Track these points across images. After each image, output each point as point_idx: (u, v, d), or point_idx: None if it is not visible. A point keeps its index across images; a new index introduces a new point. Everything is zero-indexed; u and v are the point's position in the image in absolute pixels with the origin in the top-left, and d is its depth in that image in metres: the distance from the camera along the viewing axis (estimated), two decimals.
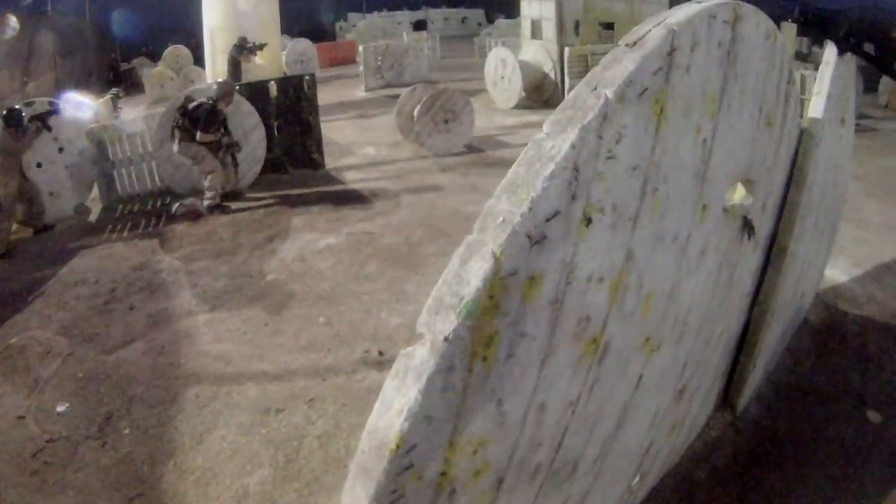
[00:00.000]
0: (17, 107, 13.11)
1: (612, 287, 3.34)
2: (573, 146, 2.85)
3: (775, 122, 5.00)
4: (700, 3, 3.77)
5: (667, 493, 5.73)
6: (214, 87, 14.09)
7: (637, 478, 5.11)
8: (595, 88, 3.07)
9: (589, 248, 3.05)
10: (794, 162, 5.77)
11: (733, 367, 6.39)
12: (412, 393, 2.50)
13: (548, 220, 2.78)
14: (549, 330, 2.98)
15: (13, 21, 19.23)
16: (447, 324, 2.56)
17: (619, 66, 3.17)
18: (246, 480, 6.20)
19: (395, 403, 2.54)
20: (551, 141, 2.90)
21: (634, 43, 3.30)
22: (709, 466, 6.02)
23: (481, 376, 2.70)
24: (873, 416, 6.62)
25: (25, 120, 12.90)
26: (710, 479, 5.89)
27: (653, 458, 5.25)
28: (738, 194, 4.96)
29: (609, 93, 3.02)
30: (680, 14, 3.55)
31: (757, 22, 4.32)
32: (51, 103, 14.38)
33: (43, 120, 13.31)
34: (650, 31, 3.37)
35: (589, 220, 3.00)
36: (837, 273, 9.58)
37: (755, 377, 6.59)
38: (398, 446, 2.47)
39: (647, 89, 3.21)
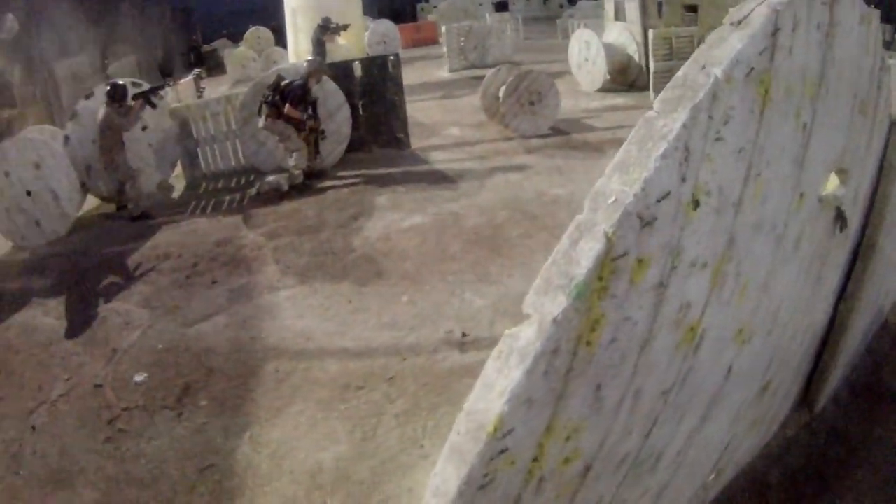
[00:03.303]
0: (121, 82, 13.23)
1: (713, 274, 3.28)
2: (685, 125, 2.79)
3: (868, 110, 4.86)
4: None
5: (738, 492, 5.62)
6: (304, 64, 14.11)
7: (713, 474, 5.07)
8: (704, 67, 3.00)
9: (694, 231, 2.98)
10: (884, 153, 5.59)
11: (814, 365, 6.22)
12: (516, 374, 2.44)
13: (659, 200, 2.71)
14: (652, 315, 2.93)
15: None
16: (556, 305, 2.49)
17: (726, 44, 3.10)
18: (321, 455, 6.18)
19: (496, 385, 2.48)
20: (662, 119, 2.84)
21: (739, 21, 3.22)
22: (782, 467, 5.89)
23: (584, 360, 2.64)
24: None
25: (130, 97, 13.04)
26: (783, 480, 5.78)
27: (731, 454, 5.20)
28: (831, 185, 4.79)
29: (718, 72, 2.96)
30: None
31: (853, 4, 4.20)
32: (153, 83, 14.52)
33: (147, 97, 13.44)
34: (754, 9, 3.28)
35: (696, 203, 2.93)
36: None
37: (835, 377, 6.41)
38: (496, 429, 2.42)
39: (753, 69, 3.14)
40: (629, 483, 3.62)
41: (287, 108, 13.09)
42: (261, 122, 13.41)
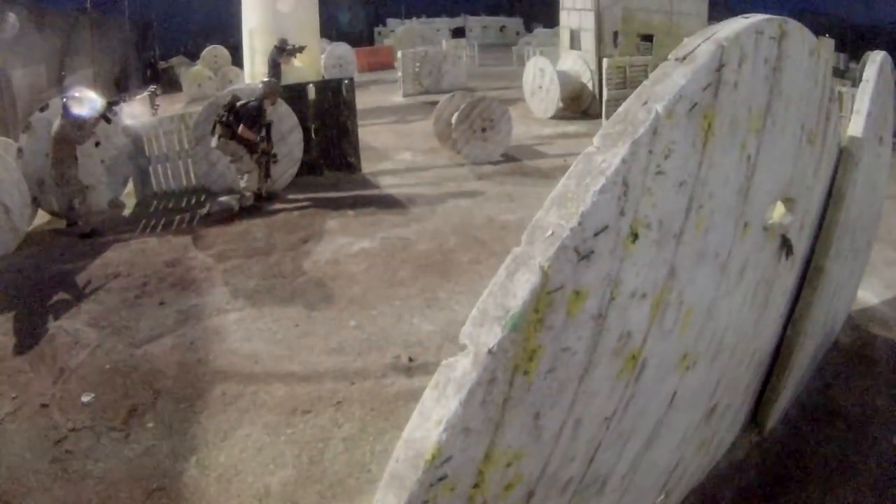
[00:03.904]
0: (77, 95, 13.09)
1: (654, 303, 3.30)
2: (624, 161, 2.82)
3: (816, 140, 4.94)
4: (747, 17, 3.72)
5: None
6: (260, 85, 14.12)
7: (662, 495, 5.07)
8: (646, 103, 3.04)
9: (634, 263, 3.02)
10: (832, 181, 5.71)
11: (763, 386, 6.31)
12: (452, 404, 2.45)
13: (596, 234, 2.75)
14: (591, 345, 2.95)
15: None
16: (491, 336, 2.52)
17: (669, 80, 3.14)
18: (268, 480, 6.17)
19: (433, 414, 2.49)
20: (602, 155, 2.87)
21: (684, 57, 3.26)
22: (733, 487, 5.93)
23: (522, 390, 2.66)
24: None
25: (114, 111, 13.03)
26: (734, 500, 5.81)
27: (679, 476, 5.21)
28: (777, 213, 4.88)
29: (660, 107, 2.99)
30: (728, 29, 3.49)
31: (802, 38, 4.28)
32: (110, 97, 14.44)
33: (103, 112, 13.33)
34: (700, 45, 3.32)
35: (636, 236, 2.97)
36: (869, 295, 9.44)
37: (785, 398, 6.50)
38: (434, 457, 2.43)
39: (696, 104, 3.18)
40: None
41: (241, 128, 13.10)
42: (214, 141, 13.37)
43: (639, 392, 3.56)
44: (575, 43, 24.09)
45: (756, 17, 3.73)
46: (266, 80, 14.90)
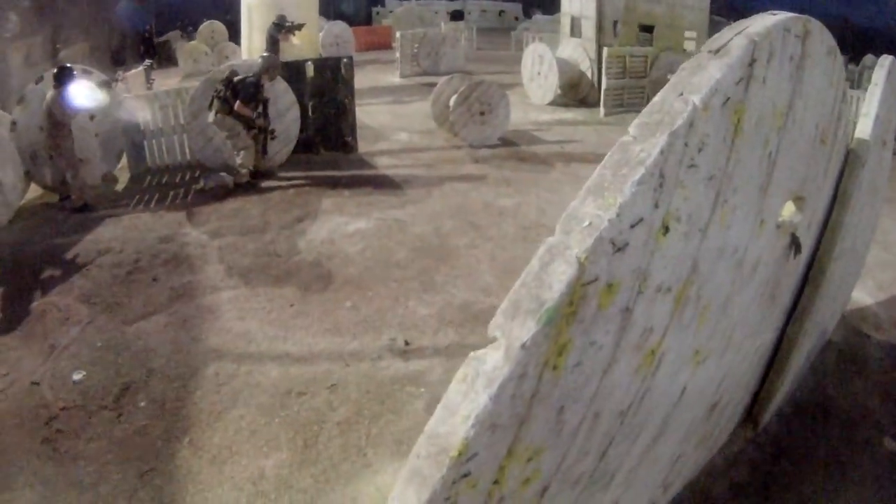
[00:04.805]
0: (69, 66, 12.95)
1: (676, 298, 3.30)
2: (662, 152, 2.81)
3: (828, 140, 4.97)
4: (775, 14, 3.73)
5: None
6: (259, 60, 13.98)
7: (662, 490, 5.13)
8: (682, 94, 3.04)
9: (662, 257, 3.00)
10: (838, 182, 5.72)
11: (761, 383, 6.36)
12: (482, 399, 2.40)
13: (632, 226, 2.72)
14: (617, 339, 2.93)
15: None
16: (525, 330, 2.46)
17: (704, 73, 3.15)
18: (262, 462, 6.11)
19: (461, 409, 2.43)
20: (639, 145, 2.86)
21: (718, 50, 3.27)
22: (727, 481, 5.97)
23: (549, 384, 2.62)
24: (889, 443, 6.58)
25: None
26: (728, 495, 5.84)
27: (679, 469, 5.26)
28: (787, 211, 4.85)
29: (697, 100, 2.99)
30: (759, 25, 3.52)
31: (822, 38, 4.29)
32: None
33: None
34: (732, 39, 3.34)
35: (666, 229, 2.95)
36: (863, 295, 9.52)
37: (781, 395, 6.60)
38: (460, 454, 2.38)
39: (729, 99, 3.18)
40: (583, 501, 3.62)
41: (238, 104, 12.98)
42: (211, 116, 13.25)
43: (653, 387, 3.56)
44: (575, 30, 24.05)
45: (784, 15, 3.75)
46: (265, 54, 14.77)
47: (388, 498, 2.48)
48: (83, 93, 12.82)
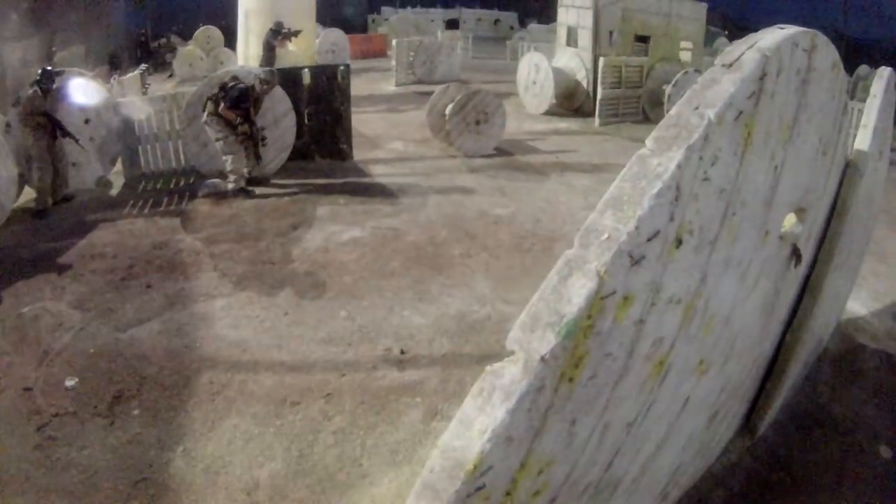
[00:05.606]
0: (49, 68, 12.95)
1: (685, 309, 3.31)
2: (679, 166, 2.84)
3: (829, 151, 5.03)
4: (783, 28, 3.78)
5: None
6: (259, 72, 13.98)
7: (661, 498, 5.17)
8: (697, 108, 3.08)
9: (675, 269, 3.03)
10: (837, 193, 5.79)
11: (758, 392, 6.41)
12: (499, 413, 2.40)
13: (649, 239, 2.74)
14: (629, 351, 2.94)
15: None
16: (544, 343, 2.48)
17: (718, 87, 3.19)
18: (257, 472, 6.06)
19: (476, 423, 2.43)
20: (657, 158, 2.89)
21: (731, 64, 3.31)
22: (724, 490, 5.99)
23: (564, 397, 2.62)
24: (885, 451, 6.63)
25: (56, 83, 12.88)
26: (725, 503, 5.87)
27: (678, 478, 5.30)
28: (789, 222, 4.88)
29: (712, 114, 3.03)
30: (769, 39, 3.56)
31: (827, 52, 4.34)
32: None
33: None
34: (745, 53, 3.38)
35: (679, 242, 2.97)
36: (857, 306, 9.58)
37: (777, 404, 6.66)
38: (476, 468, 2.37)
39: (741, 112, 3.22)
40: None
41: (222, 107, 12.98)
42: (204, 116, 13.25)
43: (659, 397, 3.59)
44: (572, 40, 24.09)
45: (793, 29, 3.80)
46: (268, 69, 14.84)
47: None
48: (74, 87, 12.88)
